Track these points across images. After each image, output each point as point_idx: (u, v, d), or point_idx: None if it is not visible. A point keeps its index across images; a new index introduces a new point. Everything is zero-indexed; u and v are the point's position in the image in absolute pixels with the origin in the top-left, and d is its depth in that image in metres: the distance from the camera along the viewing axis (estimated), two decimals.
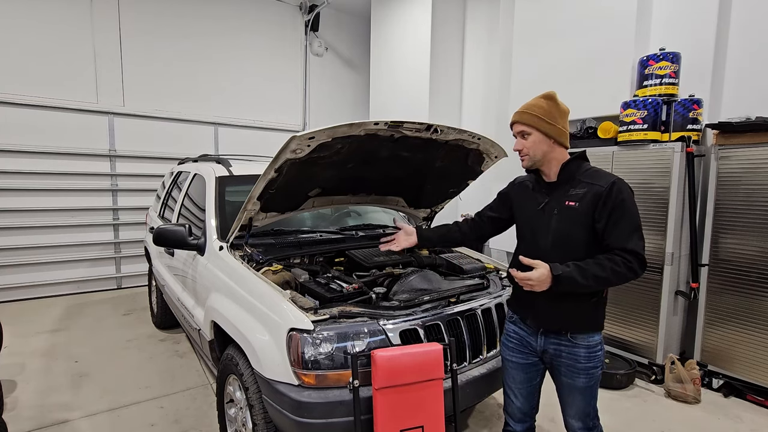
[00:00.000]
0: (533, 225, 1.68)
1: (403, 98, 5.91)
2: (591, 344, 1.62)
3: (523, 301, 1.70)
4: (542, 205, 1.65)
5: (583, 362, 1.61)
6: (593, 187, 1.55)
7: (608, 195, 1.51)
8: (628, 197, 1.53)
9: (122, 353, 3.65)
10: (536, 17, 4.30)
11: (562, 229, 1.58)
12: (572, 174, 1.62)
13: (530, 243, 1.69)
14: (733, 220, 3.02)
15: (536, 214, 1.67)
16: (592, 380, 1.64)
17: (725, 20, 3.28)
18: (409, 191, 2.89)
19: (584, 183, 1.58)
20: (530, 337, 1.71)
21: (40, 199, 5.11)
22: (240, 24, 6.37)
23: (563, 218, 1.59)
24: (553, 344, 1.65)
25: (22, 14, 4.84)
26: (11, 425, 2.56)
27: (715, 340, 3.14)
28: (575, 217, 1.56)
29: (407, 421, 1.70)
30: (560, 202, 1.60)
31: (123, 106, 5.54)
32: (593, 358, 1.62)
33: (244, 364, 1.95)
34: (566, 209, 1.58)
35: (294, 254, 2.50)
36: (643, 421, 2.78)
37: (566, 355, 1.63)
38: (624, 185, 1.55)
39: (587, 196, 1.54)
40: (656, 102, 3.22)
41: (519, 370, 1.78)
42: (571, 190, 1.59)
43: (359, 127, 1.96)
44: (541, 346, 1.68)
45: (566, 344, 1.62)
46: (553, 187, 1.65)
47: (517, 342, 1.77)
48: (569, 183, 1.61)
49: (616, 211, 1.51)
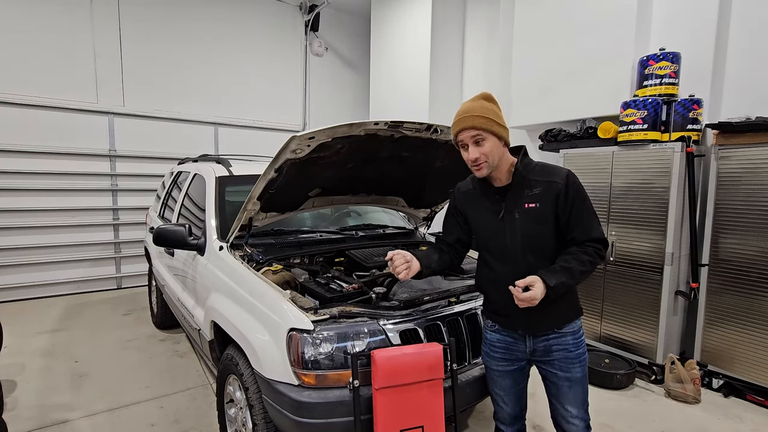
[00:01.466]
0: (497, 234, 1.62)
1: (403, 98, 5.91)
2: (575, 330, 1.65)
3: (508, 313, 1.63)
4: (501, 214, 1.60)
5: (573, 349, 1.63)
6: (550, 184, 1.54)
7: (567, 190, 1.53)
8: (581, 186, 1.57)
9: (122, 353, 3.65)
10: (536, 17, 4.30)
11: (528, 231, 1.56)
12: (523, 175, 1.58)
13: (498, 252, 1.63)
14: (733, 220, 3.02)
15: (497, 223, 1.61)
16: (584, 368, 1.66)
17: (725, 20, 3.28)
18: (409, 191, 2.89)
19: (537, 181, 1.56)
20: (518, 341, 1.68)
21: (40, 199, 5.12)
22: (240, 24, 6.37)
23: (526, 221, 1.56)
24: (541, 341, 1.64)
25: (23, 14, 4.84)
26: (11, 425, 2.56)
27: (715, 340, 3.14)
28: (538, 217, 1.55)
29: (407, 421, 1.70)
30: (518, 205, 1.57)
31: (123, 106, 5.54)
32: (580, 343, 1.65)
33: (244, 364, 1.95)
34: (527, 212, 1.56)
35: (294, 254, 2.50)
36: (643, 421, 2.78)
37: (556, 347, 1.63)
38: (575, 176, 1.58)
39: (545, 195, 1.54)
40: (656, 102, 3.22)
41: (507, 378, 1.75)
42: (527, 192, 1.56)
43: (359, 127, 1.96)
44: (530, 347, 1.66)
45: (553, 336, 1.63)
46: (505, 191, 1.60)
47: (503, 350, 1.72)
48: (523, 184, 1.58)
49: (577, 204, 1.53)
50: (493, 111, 1.52)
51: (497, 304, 1.70)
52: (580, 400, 1.67)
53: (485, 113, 1.50)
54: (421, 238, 3.18)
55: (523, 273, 1.51)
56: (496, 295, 1.69)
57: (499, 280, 1.63)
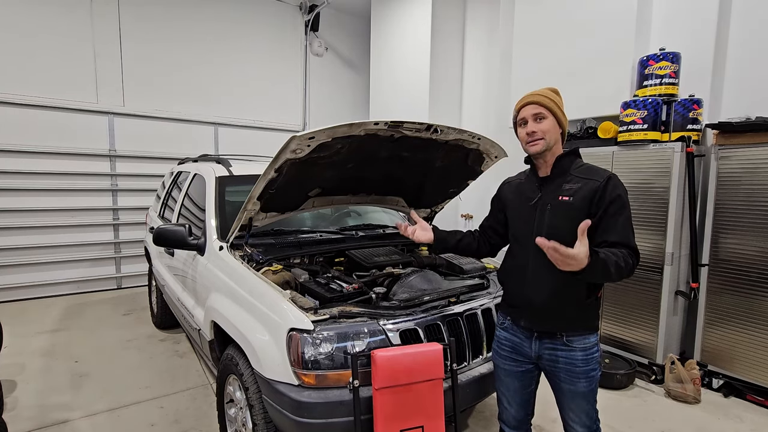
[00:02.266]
0: (526, 221, 1.63)
1: (403, 98, 5.91)
2: (587, 346, 1.57)
3: (518, 303, 1.66)
4: (534, 201, 1.61)
5: (582, 365, 1.57)
6: (588, 182, 1.52)
7: (605, 189, 1.49)
8: (624, 193, 1.52)
9: (122, 353, 3.65)
10: (536, 17, 4.30)
11: (556, 224, 1.53)
12: (565, 169, 1.59)
13: (524, 240, 1.63)
14: (733, 220, 3.02)
15: (528, 210, 1.62)
16: (592, 383, 1.60)
17: (725, 20, 3.28)
18: (409, 191, 2.89)
19: (578, 178, 1.56)
20: (524, 342, 1.66)
21: (40, 199, 5.12)
22: (240, 24, 6.37)
23: (557, 213, 1.54)
24: (548, 349, 1.60)
25: (23, 14, 4.84)
26: (11, 425, 2.56)
27: (715, 340, 3.14)
28: (570, 212, 1.51)
29: (407, 421, 1.70)
30: (553, 197, 1.56)
31: (123, 106, 5.54)
32: (591, 360, 1.58)
33: (244, 364, 1.95)
34: (560, 204, 1.54)
35: (294, 254, 2.50)
36: (643, 421, 2.78)
37: (563, 360, 1.58)
38: (619, 181, 1.53)
39: (582, 191, 1.51)
40: (656, 102, 3.22)
41: (513, 378, 1.73)
42: (565, 185, 1.56)
43: (359, 127, 1.96)
44: (535, 351, 1.63)
45: (562, 348, 1.58)
46: (546, 182, 1.62)
47: (509, 349, 1.72)
48: (562, 177, 1.58)
49: (614, 206, 1.48)
50: (558, 99, 1.59)
51: (510, 294, 1.71)
52: (583, 411, 1.63)
53: (551, 97, 1.58)
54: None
55: (541, 264, 1.49)
56: (511, 284, 1.69)
57: (516, 268, 1.64)
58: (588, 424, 1.65)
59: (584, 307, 1.57)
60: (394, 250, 2.73)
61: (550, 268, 1.41)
